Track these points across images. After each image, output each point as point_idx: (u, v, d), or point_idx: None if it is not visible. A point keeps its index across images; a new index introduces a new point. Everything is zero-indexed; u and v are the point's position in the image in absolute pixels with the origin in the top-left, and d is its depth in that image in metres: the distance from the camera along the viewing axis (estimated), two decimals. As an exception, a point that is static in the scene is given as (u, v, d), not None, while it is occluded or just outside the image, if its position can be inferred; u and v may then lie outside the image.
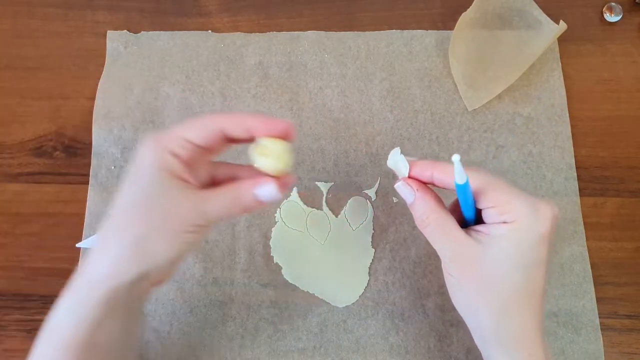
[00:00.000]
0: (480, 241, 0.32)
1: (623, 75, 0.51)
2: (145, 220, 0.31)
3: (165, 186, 0.31)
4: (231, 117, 0.32)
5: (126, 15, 0.54)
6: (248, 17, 0.54)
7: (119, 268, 0.32)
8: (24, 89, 0.52)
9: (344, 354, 0.44)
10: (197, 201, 0.32)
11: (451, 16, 0.52)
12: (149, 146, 0.32)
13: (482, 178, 0.32)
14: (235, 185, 0.33)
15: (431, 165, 0.33)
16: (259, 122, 0.32)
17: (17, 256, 0.47)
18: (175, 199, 0.31)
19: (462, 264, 0.32)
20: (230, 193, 0.32)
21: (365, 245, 0.46)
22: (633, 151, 0.49)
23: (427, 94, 0.50)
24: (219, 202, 0.32)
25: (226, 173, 0.35)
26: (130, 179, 0.32)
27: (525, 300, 0.32)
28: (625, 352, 0.44)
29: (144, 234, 0.31)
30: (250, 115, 0.32)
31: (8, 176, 0.49)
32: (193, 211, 0.32)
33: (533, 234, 0.31)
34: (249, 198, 0.32)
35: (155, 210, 0.31)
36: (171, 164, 0.32)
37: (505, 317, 0.32)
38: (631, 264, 0.46)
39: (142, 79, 0.51)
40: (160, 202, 0.31)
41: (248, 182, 0.32)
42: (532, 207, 0.31)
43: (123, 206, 0.32)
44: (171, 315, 0.45)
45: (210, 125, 0.32)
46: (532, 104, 0.50)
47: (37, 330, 0.44)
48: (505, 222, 0.31)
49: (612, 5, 0.53)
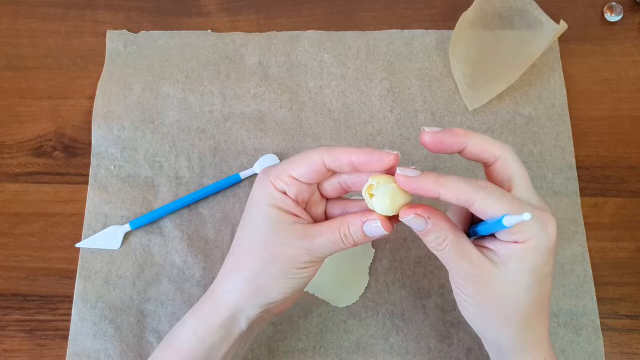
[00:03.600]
0: (494, 262, 0.31)
1: (623, 75, 0.51)
2: (257, 258, 0.33)
3: (275, 223, 0.32)
4: (334, 153, 0.31)
5: (126, 14, 0.54)
6: (248, 16, 0.54)
7: (238, 300, 0.34)
8: (24, 89, 0.52)
9: (344, 354, 0.44)
10: (304, 238, 0.32)
11: (451, 16, 0.51)
12: (259, 181, 0.33)
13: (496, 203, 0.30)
14: (341, 220, 0.32)
15: (436, 183, 0.30)
16: (363, 157, 0.31)
17: (16, 256, 0.47)
18: (283, 237, 0.32)
19: (478, 285, 0.31)
20: (336, 229, 0.32)
21: (365, 245, 0.46)
22: (633, 151, 0.49)
23: (427, 93, 0.50)
24: (326, 238, 0.32)
25: (339, 207, 0.35)
26: (246, 215, 0.34)
27: (540, 310, 0.32)
28: (625, 352, 0.44)
29: (257, 271, 0.33)
30: (355, 151, 0.31)
31: (7, 176, 0.49)
32: (301, 249, 0.32)
33: (544, 250, 0.30)
34: (358, 234, 0.32)
35: (266, 249, 0.33)
36: (279, 200, 0.32)
37: (524, 329, 0.32)
38: (631, 264, 0.46)
39: (142, 79, 0.51)
40: (270, 241, 0.32)
41: (354, 218, 0.32)
42: (541, 223, 0.30)
43: (241, 240, 0.34)
44: (171, 316, 0.45)
45: (314, 163, 0.32)
46: (532, 104, 0.50)
47: (36, 331, 0.45)
48: (517, 242, 0.30)
49: (613, 5, 0.53)
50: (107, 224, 0.47)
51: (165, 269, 0.46)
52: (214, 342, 0.35)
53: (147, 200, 0.48)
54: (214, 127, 0.50)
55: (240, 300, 0.34)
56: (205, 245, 0.46)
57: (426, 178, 0.30)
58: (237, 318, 0.34)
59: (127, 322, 0.44)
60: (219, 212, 0.47)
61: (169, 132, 0.49)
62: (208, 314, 0.35)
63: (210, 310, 0.35)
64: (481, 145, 0.31)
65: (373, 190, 0.31)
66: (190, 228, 0.47)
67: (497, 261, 0.31)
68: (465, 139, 0.31)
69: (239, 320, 0.34)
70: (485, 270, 0.31)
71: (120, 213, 0.47)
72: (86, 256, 0.46)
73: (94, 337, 0.44)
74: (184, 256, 0.46)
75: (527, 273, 0.30)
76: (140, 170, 0.48)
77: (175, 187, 0.48)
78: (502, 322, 0.32)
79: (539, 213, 0.30)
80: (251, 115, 0.50)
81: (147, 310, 0.45)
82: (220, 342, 0.35)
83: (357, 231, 0.32)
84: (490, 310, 0.32)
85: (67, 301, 0.45)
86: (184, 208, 0.47)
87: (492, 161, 0.32)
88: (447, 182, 0.30)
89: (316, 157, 0.32)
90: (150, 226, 0.47)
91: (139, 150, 0.49)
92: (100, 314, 0.45)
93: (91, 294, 0.45)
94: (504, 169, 0.31)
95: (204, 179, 0.48)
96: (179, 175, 0.48)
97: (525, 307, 0.31)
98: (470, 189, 0.30)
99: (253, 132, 0.49)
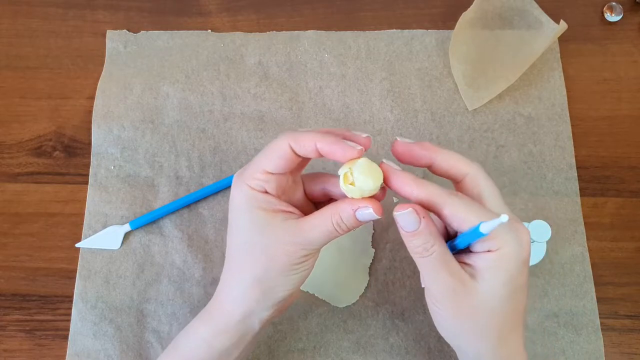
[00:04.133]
0: (471, 275, 0.31)
1: (623, 75, 0.51)
2: (257, 263, 0.33)
3: (264, 226, 0.32)
4: (300, 139, 0.31)
5: (126, 14, 0.54)
6: (248, 16, 0.54)
7: (248, 305, 0.34)
8: (24, 89, 0.52)
9: (344, 354, 0.44)
10: (297, 234, 0.32)
11: (452, 16, 0.51)
12: (236, 186, 0.33)
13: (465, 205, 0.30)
14: (331, 211, 0.31)
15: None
16: (327, 147, 0.30)
17: (16, 256, 0.47)
18: (277, 238, 0.32)
19: (455, 301, 0.31)
20: (328, 219, 0.32)
21: (365, 245, 0.46)
22: (634, 151, 0.49)
23: (427, 93, 0.50)
24: (319, 231, 0.32)
25: (318, 185, 0.35)
26: (232, 221, 0.34)
27: (516, 323, 0.32)
28: (625, 352, 0.44)
29: (259, 276, 0.33)
30: (320, 138, 0.30)
31: (7, 176, 0.49)
32: (296, 245, 0.32)
33: (517, 260, 0.30)
34: (350, 221, 0.31)
35: (263, 253, 0.32)
36: (262, 200, 0.32)
37: (500, 342, 0.32)
38: (631, 264, 0.46)
39: (142, 79, 0.51)
40: (265, 245, 0.32)
41: (345, 206, 0.31)
42: (514, 233, 0.30)
43: (236, 248, 0.34)
44: (171, 316, 0.45)
45: (283, 151, 0.31)
46: (532, 104, 0.50)
47: (36, 331, 0.45)
48: (490, 251, 0.30)
49: (613, 4, 0.53)
50: (107, 224, 0.47)
51: (165, 269, 0.46)
52: (225, 348, 0.35)
53: (147, 200, 0.48)
54: (214, 127, 0.50)
55: (250, 305, 0.34)
56: (205, 245, 0.46)
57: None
58: (250, 321, 0.35)
59: (127, 322, 0.44)
60: (219, 212, 0.47)
61: (169, 132, 0.49)
62: (218, 321, 0.35)
63: (220, 317, 0.35)
64: (448, 162, 0.32)
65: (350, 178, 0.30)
66: (190, 228, 0.47)
67: (474, 274, 0.31)
68: (434, 154, 0.32)
69: (252, 324, 0.35)
70: (465, 283, 0.30)
71: (120, 213, 0.47)
72: (86, 256, 0.46)
73: (94, 337, 0.44)
74: (184, 256, 0.46)
75: (502, 285, 0.30)
76: (140, 170, 0.48)
77: (175, 187, 0.48)
78: (479, 336, 0.32)
79: (512, 224, 0.30)
80: (251, 115, 0.50)
81: (147, 310, 0.45)
82: (232, 347, 0.35)
83: (350, 218, 0.31)
84: (467, 324, 0.32)
85: (67, 301, 0.45)
86: (184, 208, 0.47)
87: (460, 178, 0.32)
88: (423, 184, 0.31)
89: (283, 145, 0.31)
90: (150, 226, 0.47)
91: (139, 150, 0.49)
92: (100, 314, 0.45)
93: (91, 294, 0.45)
94: (473, 186, 0.32)
95: (204, 179, 0.48)
96: (179, 175, 0.48)
97: (502, 319, 0.31)
98: (443, 192, 0.30)
99: (253, 132, 0.49)
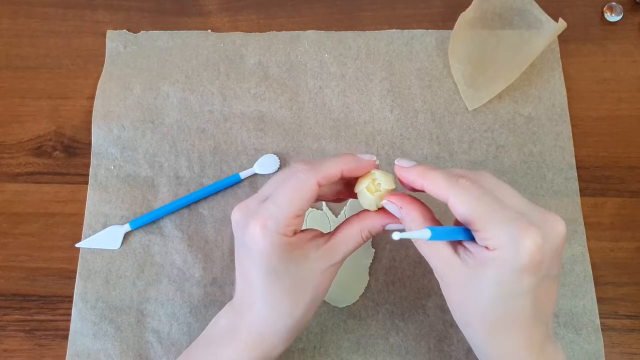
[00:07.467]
0: (467, 264, 0.31)
1: (623, 75, 0.51)
2: (300, 304, 0.34)
3: (299, 263, 0.33)
4: (325, 173, 0.32)
5: (126, 14, 0.54)
6: (248, 16, 0.54)
7: (283, 347, 0.35)
8: (23, 89, 0.52)
9: (344, 354, 0.44)
10: (330, 256, 0.34)
11: (451, 16, 0.51)
12: (257, 234, 0.31)
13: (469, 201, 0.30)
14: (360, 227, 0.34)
15: (421, 175, 0.32)
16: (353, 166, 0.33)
17: (16, 256, 0.47)
18: (312, 270, 0.33)
19: (454, 286, 0.32)
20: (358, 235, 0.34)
21: (365, 245, 0.46)
22: (634, 151, 0.49)
23: (427, 93, 0.50)
24: (346, 247, 0.34)
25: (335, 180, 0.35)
26: (260, 268, 0.33)
27: (512, 326, 0.31)
28: (625, 352, 0.44)
29: (299, 317, 0.34)
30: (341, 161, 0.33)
31: (7, 176, 0.49)
32: (331, 267, 0.34)
33: (512, 266, 0.29)
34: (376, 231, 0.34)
35: (303, 292, 0.33)
36: (294, 244, 0.32)
37: (493, 337, 0.32)
38: (631, 264, 0.46)
39: (142, 79, 0.51)
40: (303, 284, 0.33)
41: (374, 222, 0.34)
42: (513, 237, 0.28)
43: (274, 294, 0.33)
44: (171, 316, 0.45)
45: (311, 190, 0.32)
46: (532, 104, 0.50)
47: (36, 331, 0.45)
48: (487, 248, 0.30)
49: (613, 4, 0.53)
50: (107, 224, 0.47)
51: (165, 269, 0.46)
52: None
53: (147, 200, 0.48)
54: (214, 127, 0.50)
55: (287, 345, 0.35)
56: (205, 245, 0.46)
57: (414, 170, 0.32)
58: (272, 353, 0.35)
59: (127, 322, 0.44)
60: (219, 212, 0.47)
61: (169, 132, 0.49)
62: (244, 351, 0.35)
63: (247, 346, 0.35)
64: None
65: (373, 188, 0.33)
66: (190, 228, 0.47)
67: (470, 264, 0.30)
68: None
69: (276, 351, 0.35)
70: (454, 269, 0.31)
71: (120, 213, 0.47)
72: (86, 256, 0.46)
73: (94, 337, 0.44)
74: (184, 256, 0.46)
75: (492, 284, 0.30)
76: (140, 170, 0.48)
77: (175, 187, 0.48)
78: (475, 322, 0.32)
79: (518, 224, 0.29)
80: (251, 115, 0.50)
81: (147, 310, 0.45)
82: None
83: (377, 229, 0.34)
84: (461, 311, 0.33)
85: (67, 301, 0.45)
86: (184, 208, 0.47)
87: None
88: (430, 175, 0.31)
89: (311, 184, 0.32)
90: (150, 226, 0.47)
91: (139, 150, 0.49)
92: (100, 314, 0.45)
93: (91, 294, 0.45)
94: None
95: (204, 179, 0.48)
96: (179, 175, 0.48)
97: (493, 316, 0.31)
98: (447, 184, 0.30)
99: (253, 132, 0.49)
